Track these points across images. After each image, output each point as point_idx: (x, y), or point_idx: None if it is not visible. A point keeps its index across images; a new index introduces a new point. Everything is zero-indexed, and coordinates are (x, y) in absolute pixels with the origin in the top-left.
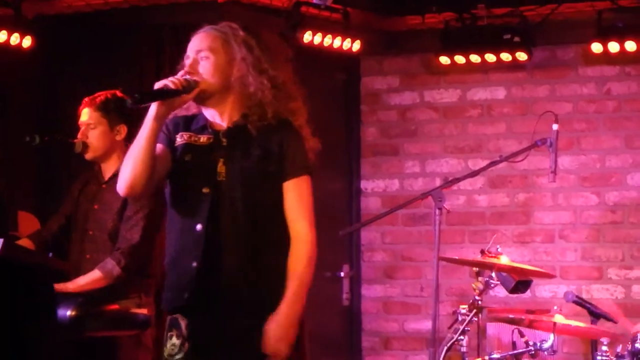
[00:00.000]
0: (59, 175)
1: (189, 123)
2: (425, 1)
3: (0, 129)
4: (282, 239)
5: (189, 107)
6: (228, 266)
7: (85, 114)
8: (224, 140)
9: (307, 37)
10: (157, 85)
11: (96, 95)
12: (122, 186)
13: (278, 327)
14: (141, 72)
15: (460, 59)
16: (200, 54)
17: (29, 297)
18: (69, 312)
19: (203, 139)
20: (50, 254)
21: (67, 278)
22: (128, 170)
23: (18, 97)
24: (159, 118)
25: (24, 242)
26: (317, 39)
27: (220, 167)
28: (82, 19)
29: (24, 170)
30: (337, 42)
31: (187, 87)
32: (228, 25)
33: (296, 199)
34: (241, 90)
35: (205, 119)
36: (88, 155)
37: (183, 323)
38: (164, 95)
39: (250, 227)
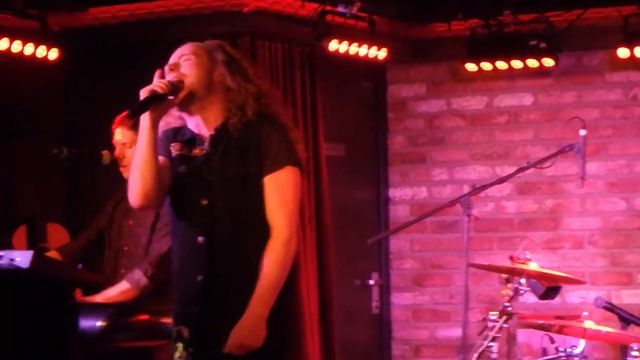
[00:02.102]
0: (88, 187)
1: (177, 134)
2: (452, 8)
3: (29, 141)
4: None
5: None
6: (229, 276)
7: (119, 134)
8: (209, 148)
9: (333, 45)
10: (144, 92)
11: (131, 108)
12: (135, 198)
13: (240, 330)
14: None
15: (486, 66)
16: (183, 57)
17: (57, 308)
18: (99, 323)
19: (196, 150)
20: (80, 266)
21: (99, 290)
22: (137, 182)
23: (45, 110)
24: (154, 125)
25: (52, 255)
26: (343, 47)
27: (209, 179)
28: (107, 31)
29: (53, 183)
30: (363, 51)
31: (174, 88)
32: (213, 41)
33: (274, 193)
34: (224, 93)
35: (191, 130)
36: (126, 174)
37: (186, 334)
38: (154, 100)
39: (241, 234)
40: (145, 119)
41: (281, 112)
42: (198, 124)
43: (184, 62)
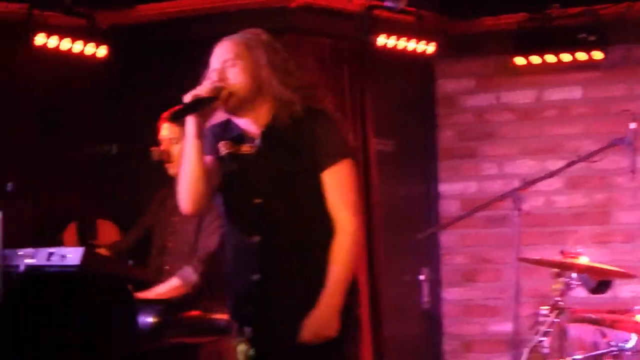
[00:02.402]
0: (137, 184)
1: (224, 131)
2: (499, 2)
3: (78, 139)
4: (325, 237)
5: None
6: (286, 273)
7: (166, 129)
8: (260, 146)
9: (381, 40)
10: (188, 97)
11: (174, 108)
12: (186, 205)
13: (316, 320)
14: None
15: (535, 60)
16: (228, 62)
17: (109, 305)
18: (150, 319)
19: (245, 148)
20: (130, 262)
21: (148, 286)
22: (187, 189)
23: (94, 108)
24: (199, 130)
25: (102, 252)
26: (391, 42)
27: (263, 176)
28: (155, 28)
29: (102, 180)
30: (411, 45)
31: (219, 93)
32: (249, 31)
33: (335, 187)
34: (270, 93)
35: (239, 128)
36: (172, 171)
37: (247, 331)
38: (198, 105)
39: (297, 231)
40: (190, 124)
41: (326, 103)
42: (247, 123)
43: (229, 68)
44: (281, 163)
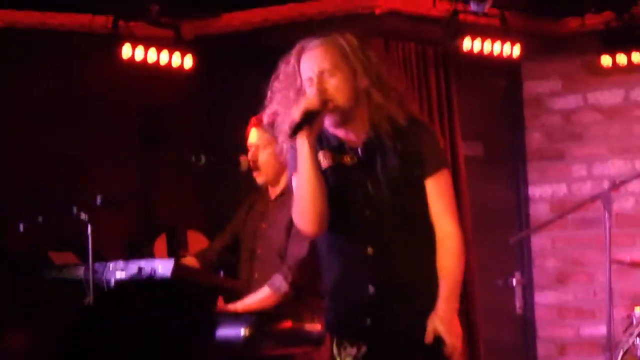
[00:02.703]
0: (228, 194)
1: (320, 140)
2: (584, 2)
3: (167, 150)
4: (434, 242)
5: None
6: (401, 283)
7: (254, 135)
8: (363, 157)
9: (467, 44)
10: (297, 111)
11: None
12: (309, 226)
13: (443, 322)
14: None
15: (622, 59)
16: (324, 74)
17: (198, 316)
18: (243, 331)
19: (346, 158)
20: (222, 273)
21: (240, 296)
22: (309, 209)
23: (183, 118)
24: (312, 145)
25: (189, 260)
26: (477, 45)
27: (370, 187)
28: (241, 37)
29: (192, 191)
30: (496, 48)
31: (325, 106)
32: (341, 36)
33: (438, 195)
34: (368, 102)
35: (336, 138)
36: (260, 180)
37: (358, 347)
38: (310, 119)
39: (412, 238)
40: (302, 141)
41: (418, 110)
42: (346, 133)
43: (329, 79)
44: (392, 172)
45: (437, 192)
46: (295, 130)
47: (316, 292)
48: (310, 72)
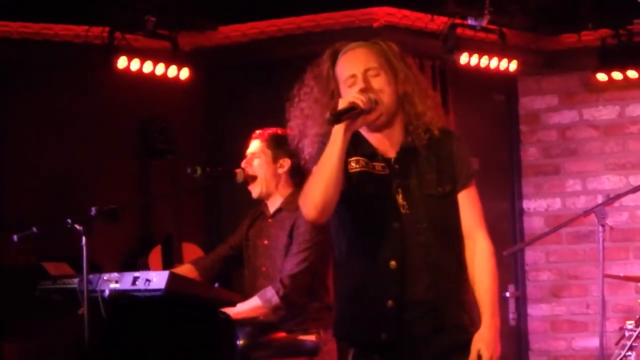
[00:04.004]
0: (225, 206)
1: (354, 146)
2: (581, 19)
3: (165, 161)
4: (464, 255)
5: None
6: (423, 299)
7: (252, 145)
8: (396, 166)
9: (464, 58)
10: (343, 102)
11: (268, 129)
12: (311, 211)
13: (488, 347)
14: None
15: (617, 76)
16: (369, 72)
17: (195, 329)
18: (238, 342)
19: (378, 167)
20: (217, 285)
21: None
22: (319, 194)
23: (181, 130)
24: (347, 137)
25: (186, 268)
26: (474, 60)
27: (401, 199)
28: (238, 50)
29: (190, 203)
30: (493, 63)
31: (372, 106)
32: (382, 41)
33: (471, 207)
34: (408, 109)
35: (370, 144)
36: (254, 193)
37: (378, 359)
38: (353, 113)
39: (440, 254)
40: (338, 130)
41: (449, 124)
42: (381, 140)
43: (373, 78)
44: (428, 186)
45: (469, 204)
46: (336, 116)
47: (322, 305)
48: (353, 69)
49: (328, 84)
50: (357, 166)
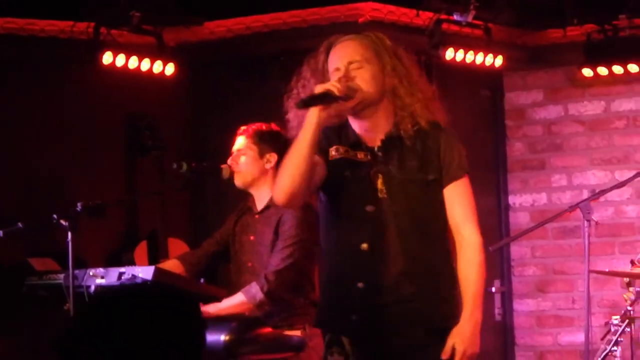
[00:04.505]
0: (211, 202)
1: (338, 136)
2: (567, 14)
3: (152, 157)
4: (447, 248)
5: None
6: (396, 284)
7: (238, 141)
8: (379, 154)
9: (450, 54)
10: (319, 89)
11: (253, 124)
12: (280, 195)
13: (465, 340)
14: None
15: (603, 71)
16: (353, 64)
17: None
18: (223, 337)
19: (360, 155)
20: (202, 280)
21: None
22: (287, 178)
23: (168, 125)
24: (320, 124)
25: (172, 263)
26: (460, 55)
27: (380, 184)
28: (224, 45)
29: (176, 198)
30: (479, 58)
31: (348, 94)
32: (374, 34)
33: (459, 202)
34: (393, 101)
35: (356, 133)
36: (237, 182)
37: (347, 342)
38: (326, 100)
39: (417, 241)
40: (312, 115)
41: (445, 118)
42: (366, 129)
43: (356, 70)
44: (408, 172)
45: (457, 198)
46: (306, 102)
47: (308, 301)
48: (338, 62)
49: (324, 76)
50: (337, 154)
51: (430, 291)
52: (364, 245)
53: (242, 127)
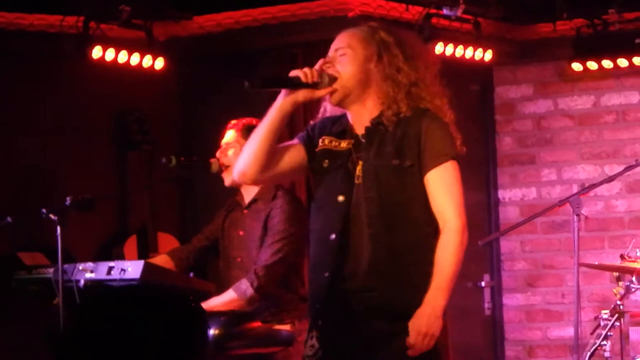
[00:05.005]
0: (201, 196)
1: (333, 125)
2: (556, 9)
3: (142, 151)
4: (422, 237)
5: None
6: (361, 272)
7: (227, 135)
8: (362, 140)
9: (439, 48)
10: (293, 73)
11: (243, 119)
12: (235, 171)
13: (421, 320)
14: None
15: (592, 65)
16: (339, 51)
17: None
18: (211, 332)
19: (343, 144)
20: (192, 274)
21: (208, 298)
22: (243, 156)
23: (158, 120)
24: (282, 108)
25: (162, 259)
26: (449, 50)
27: (359, 170)
28: (214, 39)
29: (166, 192)
30: (468, 53)
31: (320, 81)
32: (368, 25)
33: (440, 188)
34: (378, 88)
35: (347, 123)
36: (227, 181)
37: (315, 331)
38: (289, 84)
39: (385, 228)
40: (280, 97)
41: (437, 102)
42: (354, 117)
43: (339, 57)
44: (376, 159)
45: (438, 184)
46: (254, 81)
47: (297, 296)
48: (330, 52)
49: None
50: (322, 144)
51: (395, 279)
52: (332, 236)
53: (233, 121)
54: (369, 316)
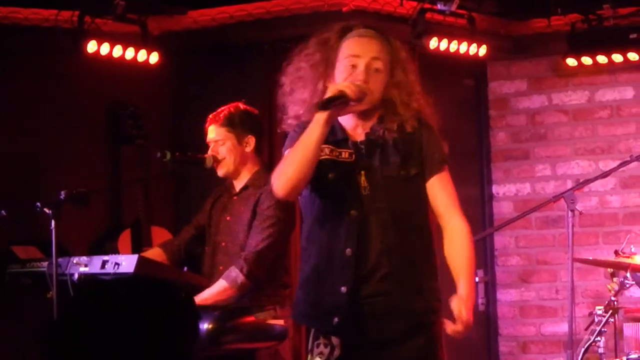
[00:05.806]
0: (195, 190)
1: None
2: (551, 4)
3: (135, 146)
4: (427, 242)
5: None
6: (375, 280)
7: (212, 131)
8: (362, 148)
9: (433, 43)
10: (334, 89)
11: (219, 110)
12: (281, 189)
13: (469, 314)
14: (269, 85)
15: (587, 61)
16: (374, 64)
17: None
18: (205, 326)
19: (345, 154)
20: (185, 268)
21: (198, 290)
22: (290, 174)
23: (151, 114)
24: (329, 122)
25: (155, 251)
26: (443, 45)
27: (364, 181)
28: (207, 34)
29: (160, 187)
30: (463, 48)
31: (360, 97)
32: (395, 42)
33: (444, 193)
34: (381, 97)
35: (342, 128)
36: (221, 172)
37: (331, 348)
38: (340, 101)
39: (398, 237)
40: (321, 116)
41: (428, 110)
42: (353, 125)
43: (374, 73)
44: (382, 169)
45: (441, 188)
46: (324, 103)
47: (278, 283)
48: (360, 51)
49: (329, 53)
50: (322, 154)
51: (409, 287)
52: (349, 251)
53: (210, 115)
54: (385, 319)
